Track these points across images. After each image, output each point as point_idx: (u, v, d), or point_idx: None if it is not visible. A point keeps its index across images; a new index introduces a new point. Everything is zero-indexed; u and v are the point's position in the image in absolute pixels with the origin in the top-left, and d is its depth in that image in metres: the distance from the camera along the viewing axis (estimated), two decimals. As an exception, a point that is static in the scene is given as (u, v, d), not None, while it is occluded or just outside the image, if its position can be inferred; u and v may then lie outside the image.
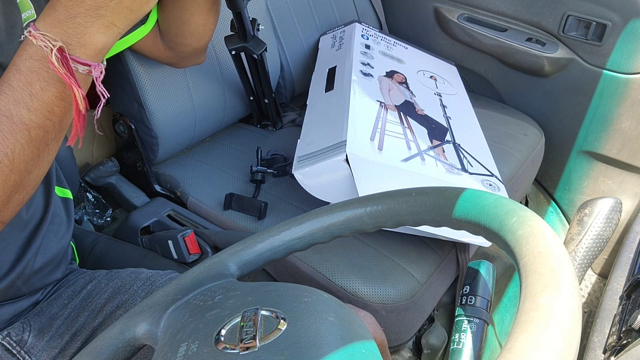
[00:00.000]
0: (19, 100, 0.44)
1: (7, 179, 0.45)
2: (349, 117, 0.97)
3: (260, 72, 1.13)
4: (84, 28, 0.44)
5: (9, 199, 0.47)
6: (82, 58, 0.45)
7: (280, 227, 0.51)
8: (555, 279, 0.31)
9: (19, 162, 0.45)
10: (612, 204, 1.21)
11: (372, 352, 0.37)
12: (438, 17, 1.52)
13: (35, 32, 0.43)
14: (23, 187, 0.48)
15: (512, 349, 0.28)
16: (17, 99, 0.44)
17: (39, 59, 0.44)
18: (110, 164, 1.21)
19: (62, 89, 0.45)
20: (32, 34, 0.43)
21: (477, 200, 0.41)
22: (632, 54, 1.24)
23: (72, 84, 0.44)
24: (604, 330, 0.90)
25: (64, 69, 0.43)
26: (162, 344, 0.41)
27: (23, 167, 0.46)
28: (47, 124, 0.46)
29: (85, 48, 0.45)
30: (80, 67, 0.45)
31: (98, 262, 0.94)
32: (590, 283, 1.43)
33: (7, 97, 0.44)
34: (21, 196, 0.48)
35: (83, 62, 0.45)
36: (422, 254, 0.94)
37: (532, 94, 1.45)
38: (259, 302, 0.41)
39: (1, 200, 0.46)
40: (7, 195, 0.46)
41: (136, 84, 1.02)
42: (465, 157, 1.05)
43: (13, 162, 0.45)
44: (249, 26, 1.01)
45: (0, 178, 0.45)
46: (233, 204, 1.03)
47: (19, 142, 0.45)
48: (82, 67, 0.45)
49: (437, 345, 1.05)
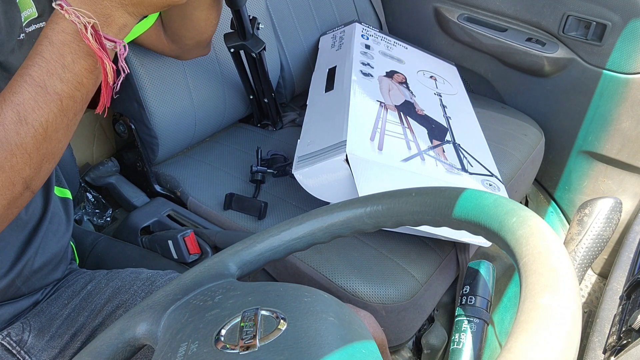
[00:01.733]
0: (52, 72, 0.46)
1: (40, 147, 0.47)
2: (349, 117, 0.97)
3: (259, 71, 1.13)
4: (109, 11, 0.47)
5: (40, 167, 0.49)
6: (109, 35, 0.48)
7: (280, 227, 0.51)
8: (555, 279, 0.31)
9: (52, 131, 0.48)
10: (612, 204, 1.21)
11: (372, 352, 0.37)
12: (438, 17, 1.52)
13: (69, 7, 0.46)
14: (52, 156, 0.50)
15: (512, 349, 0.28)
16: (51, 70, 0.46)
17: (70, 33, 0.46)
18: (110, 164, 1.21)
19: (91, 62, 0.48)
20: (65, 9, 0.46)
21: (477, 200, 0.41)
22: (632, 54, 1.24)
23: (103, 58, 0.47)
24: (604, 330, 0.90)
25: (97, 45, 0.46)
26: (162, 344, 0.41)
27: (55, 136, 0.48)
28: (76, 95, 0.48)
29: (111, 27, 0.48)
30: (108, 44, 0.48)
31: (98, 262, 0.94)
32: (590, 283, 1.43)
33: (41, 68, 0.46)
34: (50, 165, 0.50)
35: (111, 39, 0.48)
36: (422, 254, 0.94)
37: (532, 94, 1.45)
38: (259, 302, 0.41)
39: (35, 167, 0.48)
40: (39, 163, 0.48)
41: (136, 84, 1.02)
42: (465, 157, 1.05)
43: (47, 130, 0.47)
44: (248, 24, 1.02)
45: (35, 145, 0.47)
46: (233, 204, 1.03)
47: (53, 111, 0.47)
48: (110, 43, 0.48)
49: (437, 345, 1.05)
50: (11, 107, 0.45)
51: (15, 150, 0.46)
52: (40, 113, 0.46)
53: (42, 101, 0.46)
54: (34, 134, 0.46)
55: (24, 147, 0.46)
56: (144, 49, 1.01)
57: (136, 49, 1.00)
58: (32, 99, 0.46)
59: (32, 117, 0.46)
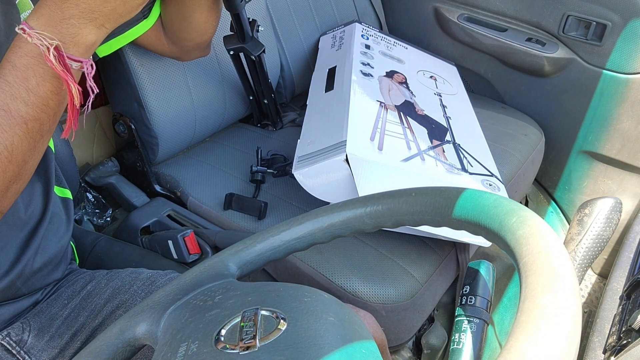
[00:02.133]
0: (16, 95, 0.46)
1: (6, 170, 0.47)
2: (349, 117, 0.97)
3: (259, 73, 1.13)
4: (77, 29, 0.46)
5: (7, 189, 0.49)
6: (75, 55, 0.47)
7: (280, 227, 0.51)
8: (555, 279, 0.31)
9: (17, 154, 0.47)
10: (612, 204, 1.21)
11: (372, 352, 0.37)
12: (438, 17, 1.52)
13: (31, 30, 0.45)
14: (20, 177, 0.50)
15: (512, 349, 0.28)
16: (15, 94, 0.46)
17: (34, 56, 0.46)
18: (110, 164, 1.21)
19: (56, 84, 0.47)
20: (27, 32, 0.45)
21: (477, 200, 0.41)
22: (632, 54, 1.24)
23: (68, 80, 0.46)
24: (604, 330, 0.90)
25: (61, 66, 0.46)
26: (162, 344, 0.41)
27: (21, 158, 0.48)
28: (42, 117, 0.48)
29: (78, 46, 0.47)
30: (74, 64, 0.47)
31: (98, 262, 0.94)
32: (590, 283, 1.43)
33: (4, 92, 0.46)
34: (18, 186, 0.50)
35: (76, 59, 0.47)
36: (422, 254, 0.94)
37: (532, 94, 1.45)
38: (259, 302, 0.41)
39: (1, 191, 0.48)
40: (5, 186, 0.48)
41: (136, 84, 1.02)
42: (465, 157, 1.05)
43: (12, 153, 0.47)
44: (247, 27, 1.02)
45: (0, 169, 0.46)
46: (233, 204, 1.03)
47: (17, 134, 0.46)
48: (75, 63, 0.47)
49: (437, 345, 1.05)
50: None
51: None
52: (4, 136, 0.46)
53: (7, 125, 0.46)
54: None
55: None
56: (144, 49, 1.01)
57: (136, 50, 1.00)
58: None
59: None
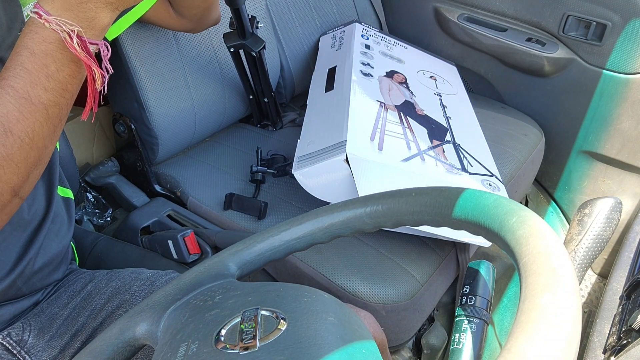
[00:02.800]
0: (36, 82, 0.46)
1: (28, 156, 0.47)
2: (349, 117, 0.97)
3: (259, 70, 1.13)
4: (94, 13, 0.46)
5: (28, 175, 0.49)
6: (92, 39, 0.47)
7: (280, 227, 0.51)
8: (555, 279, 0.31)
9: (38, 139, 0.47)
10: (612, 204, 1.21)
11: (372, 352, 0.37)
12: (438, 17, 1.52)
13: (48, 16, 0.45)
14: (40, 162, 0.50)
15: (512, 349, 0.28)
16: (34, 81, 0.46)
17: (52, 42, 0.46)
18: (110, 164, 1.21)
19: (74, 68, 0.47)
20: (45, 18, 0.45)
21: (477, 200, 0.41)
22: (632, 54, 1.24)
23: (91, 64, 0.47)
24: (604, 330, 0.90)
25: (84, 52, 0.46)
26: (162, 344, 0.41)
27: (42, 143, 0.48)
28: (62, 101, 0.48)
29: (94, 30, 0.47)
30: (92, 47, 0.47)
31: (98, 262, 0.94)
32: (590, 283, 1.43)
33: (24, 79, 0.46)
34: (38, 171, 0.50)
35: (93, 42, 0.47)
36: (422, 254, 0.94)
37: (532, 94, 1.45)
38: (259, 302, 0.41)
39: (23, 176, 0.48)
40: (27, 172, 0.48)
41: (136, 84, 1.02)
42: (465, 157, 1.05)
43: (33, 140, 0.47)
44: (248, 23, 1.02)
45: (22, 155, 0.47)
46: (233, 204, 1.03)
47: (38, 120, 0.47)
48: (93, 47, 0.47)
49: (437, 345, 1.05)
50: None
51: (2, 162, 0.45)
52: (25, 123, 0.46)
53: (27, 112, 0.46)
54: (21, 144, 0.46)
55: (11, 158, 0.46)
56: (144, 49, 1.01)
57: (136, 50, 1.00)
58: (16, 111, 0.45)
59: (17, 128, 0.45)
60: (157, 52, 1.04)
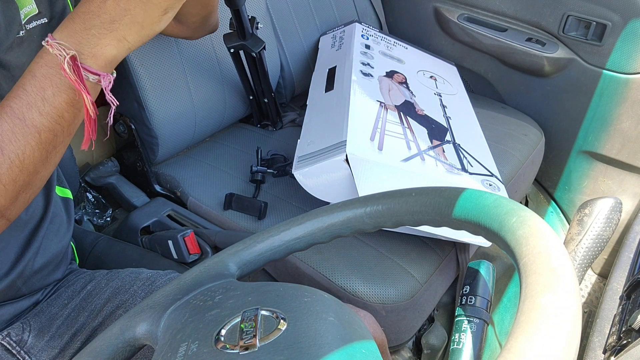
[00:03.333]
0: (32, 104, 0.46)
1: (17, 179, 0.47)
2: (349, 117, 0.97)
3: (259, 70, 1.13)
4: (97, 39, 0.46)
5: (16, 198, 0.49)
6: (92, 67, 0.47)
7: (280, 227, 0.51)
8: (555, 279, 0.31)
9: (29, 163, 0.47)
10: (612, 204, 1.21)
11: (372, 352, 0.37)
12: (438, 17, 1.52)
13: (52, 41, 0.46)
14: (30, 187, 0.50)
15: (512, 349, 0.28)
16: (31, 102, 0.46)
17: (52, 67, 0.46)
18: (110, 164, 1.21)
19: (72, 96, 0.47)
20: (49, 42, 0.46)
21: (477, 200, 0.41)
22: (632, 54, 1.24)
23: (82, 90, 0.46)
24: (604, 330, 0.90)
25: (75, 76, 0.46)
26: (162, 344, 0.41)
27: (32, 167, 0.48)
28: (57, 128, 0.48)
29: (97, 58, 0.47)
30: (91, 76, 0.47)
31: (98, 262, 0.94)
32: (590, 283, 1.43)
33: (21, 100, 0.46)
34: (27, 195, 0.50)
35: (93, 71, 0.47)
36: (422, 254, 0.94)
37: (532, 94, 1.45)
38: (259, 302, 0.41)
39: (10, 198, 0.48)
40: (15, 194, 0.48)
41: (136, 84, 1.02)
42: (465, 157, 1.05)
43: (23, 162, 0.47)
44: (248, 24, 1.02)
45: (10, 177, 0.47)
46: (233, 204, 1.03)
47: (30, 144, 0.47)
48: (92, 76, 0.47)
49: (437, 345, 1.05)
50: None
51: None
52: (17, 145, 0.46)
53: (20, 133, 0.46)
54: (10, 165, 0.46)
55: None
56: (144, 49, 1.01)
57: (136, 50, 1.00)
58: (9, 130, 0.46)
59: (8, 149, 0.46)
60: (157, 53, 1.04)
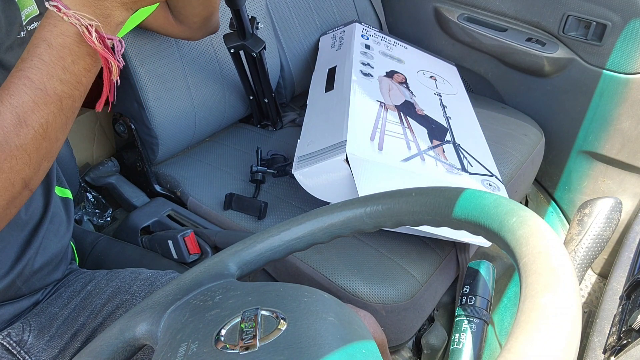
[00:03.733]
0: (52, 74, 0.47)
1: (40, 147, 0.48)
2: (349, 117, 0.97)
3: (259, 70, 1.13)
4: (110, 10, 0.47)
5: (39, 166, 0.49)
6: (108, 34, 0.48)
7: (280, 227, 0.51)
8: (555, 279, 0.31)
9: (51, 131, 0.48)
10: (612, 204, 1.21)
11: (372, 352, 0.37)
12: (438, 17, 1.52)
13: (67, 10, 0.46)
14: (50, 154, 0.50)
15: (512, 349, 0.28)
16: (51, 72, 0.47)
17: (70, 35, 0.46)
18: (110, 164, 1.21)
19: (89, 62, 0.48)
20: (64, 12, 0.46)
21: (477, 200, 0.41)
22: (632, 54, 1.24)
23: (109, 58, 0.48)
24: (604, 330, 0.90)
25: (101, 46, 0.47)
26: (162, 344, 0.41)
27: (54, 135, 0.49)
28: (75, 94, 0.49)
29: (110, 26, 0.48)
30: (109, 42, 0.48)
31: (98, 262, 0.94)
32: (590, 283, 1.43)
33: (41, 71, 0.46)
34: (47, 163, 0.51)
35: (110, 37, 0.48)
36: (422, 254, 0.94)
37: (532, 94, 1.45)
38: (259, 302, 0.41)
39: (34, 167, 0.48)
40: (38, 163, 0.49)
41: (136, 84, 1.02)
42: (465, 157, 1.05)
43: (46, 131, 0.48)
44: (248, 24, 1.02)
45: (35, 146, 0.47)
46: (233, 204, 1.03)
47: (52, 112, 0.47)
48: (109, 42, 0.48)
49: (437, 345, 1.05)
50: (10, 110, 0.45)
51: (15, 151, 0.46)
52: (40, 114, 0.46)
53: (42, 103, 0.46)
54: (34, 135, 0.47)
55: (24, 149, 0.46)
56: (144, 49, 1.01)
57: (136, 49, 1.00)
58: (31, 101, 0.46)
59: (32, 119, 0.46)
60: (157, 53, 1.04)
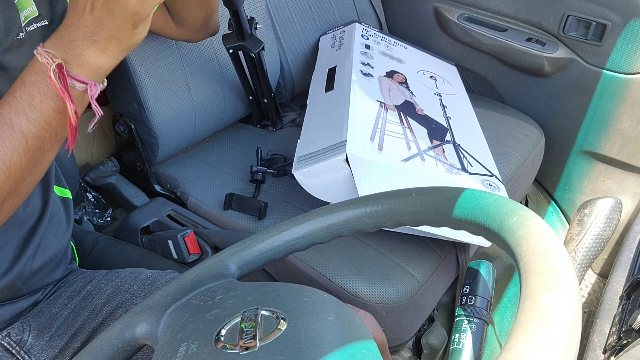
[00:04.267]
0: (19, 110, 0.47)
1: (3, 185, 0.48)
2: (349, 117, 0.97)
3: (258, 71, 1.13)
4: (81, 50, 0.47)
5: (2, 204, 0.49)
6: (79, 76, 0.48)
7: (280, 227, 0.51)
8: (555, 279, 0.31)
9: (15, 170, 0.48)
10: (612, 204, 1.21)
11: (372, 352, 0.37)
12: (438, 17, 1.52)
13: (41, 49, 0.47)
14: (16, 194, 0.50)
15: (512, 349, 0.28)
16: (19, 109, 0.47)
17: (40, 74, 0.47)
18: (110, 164, 1.21)
19: (59, 103, 0.48)
20: (39, 51, 0.47)
21: (477, 200, 0.41)
22: (632, 54, 1.24)
23: (65, 98, 0.47)
24: (604, 330, 0.90)
25: (60, 84, 0.46)
26: (162, 344, 0.41)
27: (19, 174, 0.48)
28: (44, 135, 0.48)
29: (83, 68, 0.48)
30: (77, 84, 0.48)
31: (98, 262, 0.94)
32: (590, 283, 1.43)
33: (10, 106, 0.47)
34: (14, 202, 0.51)
35: (80, 79, 0.48)
36: (422, 254, 0.94)
37: (532, 94, 1.45)
38: (259, 302, 0.41)
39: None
40: (1, 201, 0.49)
41: (136, 84, 1.02)
42: (465, 157, 1.05)
43: (10, 169, 0.47)
44: (246, 24, 1.02)
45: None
46: (233, 204, 1.03)
47: (17, 150, 0.47)
48: (79, 84, 0.48)
49: (437, 345, 1.05)
50: None
51: None
52: (3, 151, 0.46)
53: (7, 139, 0.46)
54: None
55: None
56: (144, 49, 1.01)
57: (136, 49, 1.00)
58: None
59: None
60: (157, 52, 1.04)
